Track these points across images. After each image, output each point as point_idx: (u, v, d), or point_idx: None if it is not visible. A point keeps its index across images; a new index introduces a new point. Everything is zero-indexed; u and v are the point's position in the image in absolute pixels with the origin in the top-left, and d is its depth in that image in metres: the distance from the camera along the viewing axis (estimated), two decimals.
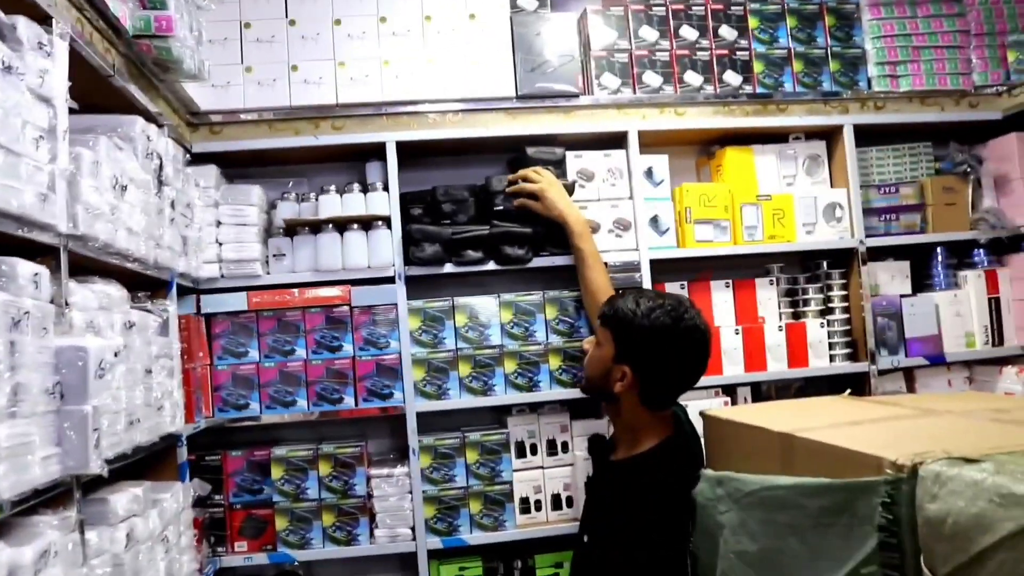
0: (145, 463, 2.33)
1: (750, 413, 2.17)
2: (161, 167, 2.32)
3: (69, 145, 1.68)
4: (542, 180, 2.90)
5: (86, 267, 1.91)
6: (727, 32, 3.34)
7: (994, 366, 3.48)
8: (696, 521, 2.06)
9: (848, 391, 2.49)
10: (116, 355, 1.83)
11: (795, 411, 2.17)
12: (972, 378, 3.56)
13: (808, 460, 1.75)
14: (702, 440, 2.30)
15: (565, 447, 3.08)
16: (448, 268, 3.01)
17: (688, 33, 3.31)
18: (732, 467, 1.98)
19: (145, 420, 2.03)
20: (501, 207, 3.00)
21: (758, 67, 3.35)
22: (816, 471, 1.67)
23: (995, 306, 3.52)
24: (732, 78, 3.32)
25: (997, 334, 3.51)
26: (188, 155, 2.76)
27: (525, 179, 2.92)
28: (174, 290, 2.50)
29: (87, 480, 1.70)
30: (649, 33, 3.27)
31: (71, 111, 1.69)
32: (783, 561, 1.72)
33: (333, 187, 3.01)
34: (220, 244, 2.91)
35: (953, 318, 3.48)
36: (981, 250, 3.57)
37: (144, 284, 2.37)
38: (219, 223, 2.92)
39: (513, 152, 3.22)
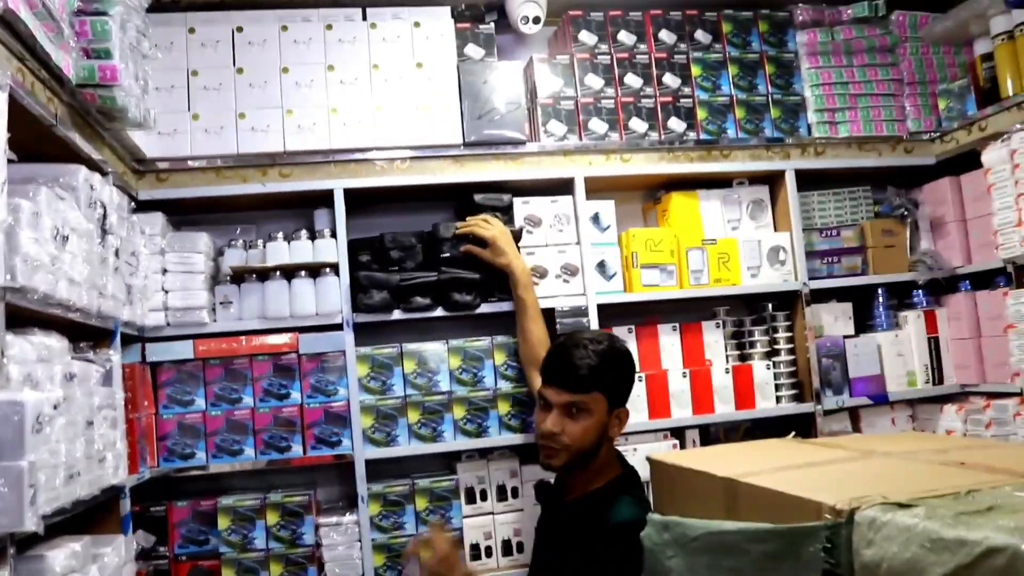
0: (87, 516, 2.28)
1: (695, 458, 2.18)
2: (105, 216, 2.30)
3: (8, 196, 1.67)
4: (494, 228, 2.93)
5: (25, 317, 1.88)
6: (671, 80, 3.42)
7: (935, 404, 3.56)
8: (645, 566, 2.06)
9: (793, 433, 2.52)
10: (55, 408, 1.81)
11: (740, 455, 2.19)
12: (915, 416, 3.63)
13: (752, 505, 1.76)
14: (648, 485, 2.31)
15: (515, 492, 3.07)
16: (396, 315, 3.01)
17: (633, 81, 3.38)
18: (678, 512, 1.98)
19: (86, 473, 1.99)
20: (449, 254, 3.01)
21: (701, 114, 3.42)
22: (760, 516, 1.68)
23: (935, 345, 3.60)
24: (676, 125, 3.38)
25: (937, 373, 3.59)
26: (134, 203, 2.74)
27: (476, 225, 2.93)
28: (118, 339, 2.47)
29: (22, 537, 1.66)
30: (595, 81, 3.34)
31: (10, 161, 1.68)
32: None
33: (281, 234, 3.01)
34: (166, 292, 2.89)
35: (895, 358, 3.56)
36: (920, 291, 3.65)
37: (87, 334, 2.34)
38: (165, 271, 2.89)
39: (461, 198, 3.25)
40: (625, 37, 3.40)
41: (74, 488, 1.91)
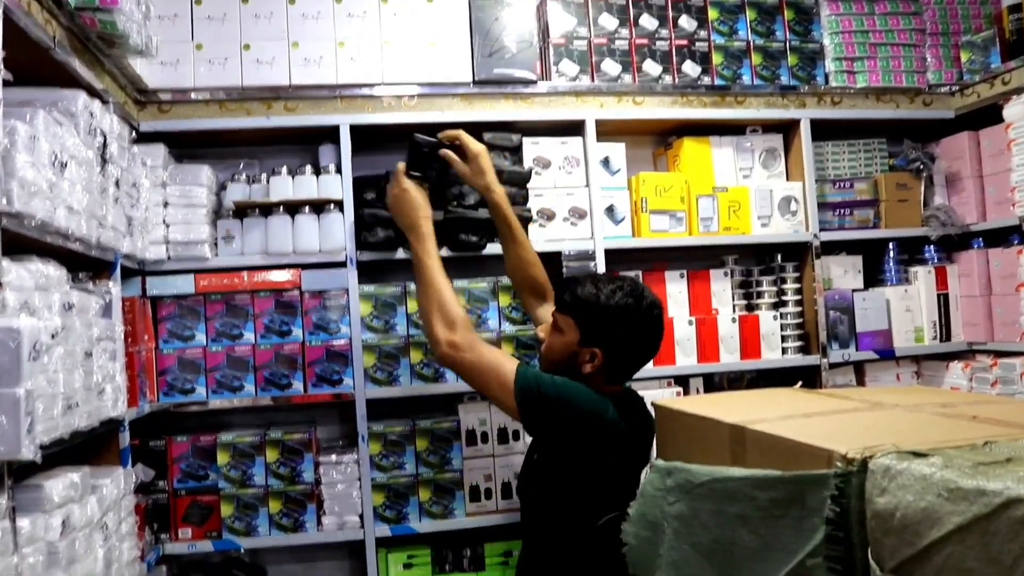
0: (85, 448, 2.27)
1: (702, 404, 2.15)
2: (105, 144, 2.25)
3: (4, 119, 1.62)
4: (480, 145, 2.74)
5: (23, 246, 1.85)
6: (687, 23, 3.33)
7: (941, 361, 3.53)
8: (635, 510, 2.04)
9: (800, 383, 2.50)
10: (53, 337, 1.78)
11: (747, 402, 2.17)
12: (920, 372, 3.61)
13: (759, 452, 1.74)
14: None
15: (516, 435, 3.06)
16: (401, 254, 2.96)
17: (648, 22, 3.29)
18: (683, 458, 1.96)
19: (84, 404, 1.97)
20: (457, 192, 2.96)
21: (717, 59, 3.34)
22: (767, 463, 1.66)
23: (943, 302, 3.57)
24: (691, 69, 3.31)
25: (945, 330, 3.56)
26: (135, 133, 2.68)
27: (464, 135, 2.64)
28: (118, 271, 2.43)
29: (19, 466, 1.64)
30: (608, 21, 3.25)
31: (5, 83, 1.62)
32: (736, 552, 1.70)
33: (285, 169, 2.96)
34: (167, 225, 2.84)
35: (903, 313, 3.53)
36: (931, 247, 3.61)
37: (86, 265, 2.30)
38: (167, 204, 2.85)
39: None
40: None
41: (72, 419, 1.89)
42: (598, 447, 2.06)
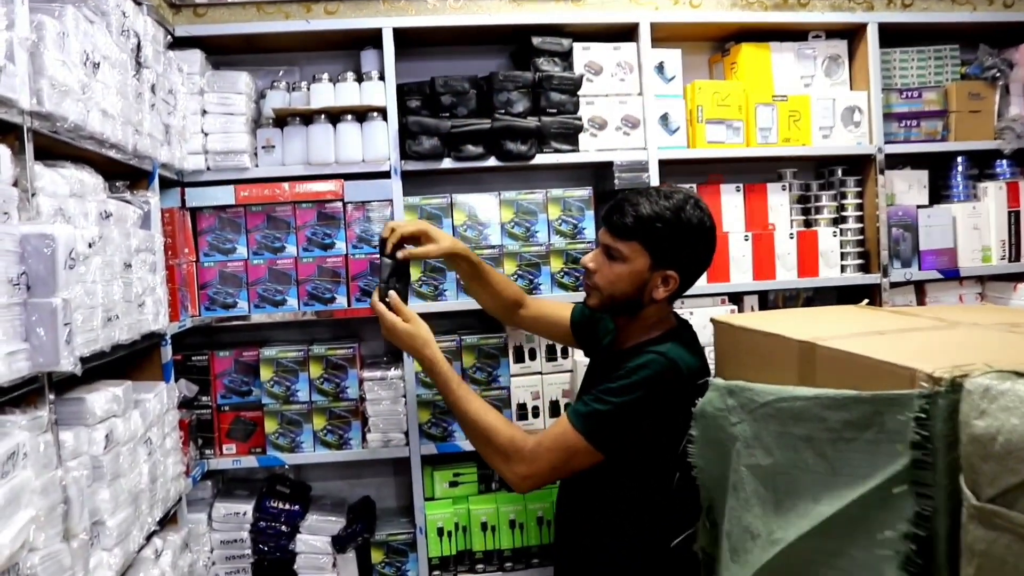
0: (127, 362, 2.23)
1: (764, 320, 2.04)
2: (139, 47, 2.15)
3: (30, 13, 1.52)
4: (416, 222, 2.54)
5: (57, 152, 1.77)
6: None
7: (1008, 282, 3.37)
8: (699, 432, 1.95)
9: (866, 301, 2.38)
10: (90, 246, 1.71)
11: (812, 319, 2.06)
12: (984, 294, 3.46)
13: (830, 371, 1.64)
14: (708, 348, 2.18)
15: (565, 352, 2.98)
16: (447, 163, 2.85)
17: None
18: (744, 376, 1.87)
19: (124, 317, 1.91)
20: (505, 99, 2.83)
21: None
22: (839, 382, 1.56)
23: (1015, 220, 3.39)
24: None
25: (1014, 249, 3.39)
26: (170, 38, 2.57)
27: (397, 225, 2.35)
28: (156, 181, 2.35)
29: (61, 379, 1.59)
30: None
31: None
32: (797, 476, 1.62)
33: (326, 75, 2.83)
34: (205, 134, 2.75)
35: (970, 231, 3.36)
36: (1004, 161, 3.42)
37: (123, 173, 2.23)
38: (204, 112, 2.75)
39: (517, 43, 3.04)
40: None
41: (113, 331, 1.83)
42: (686, 407, 1.95)
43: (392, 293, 2.19)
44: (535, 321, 2.56)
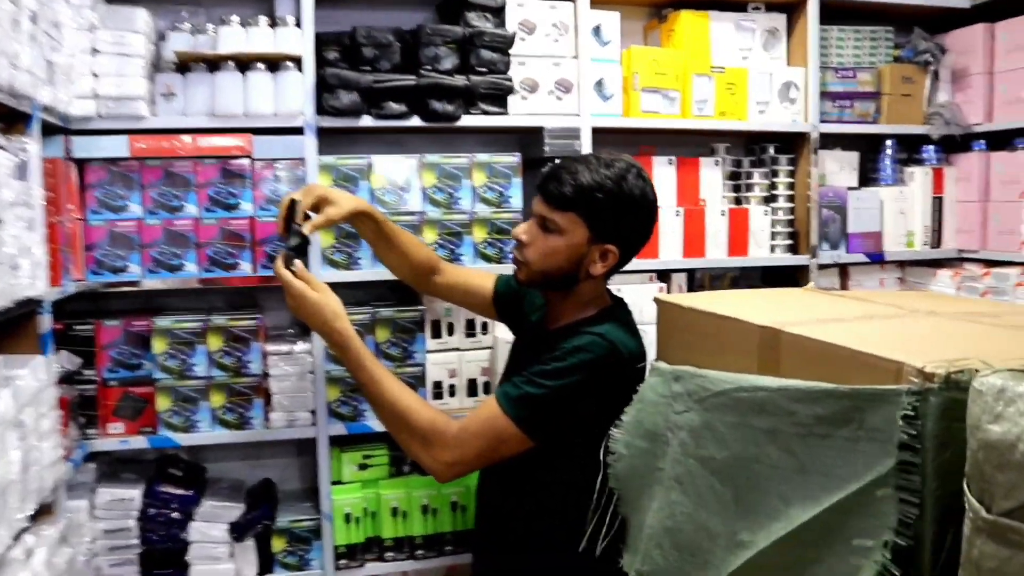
0: None
1: (715, 301, 1.91)
2: None
3: None
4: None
5: None
6: None
7: (927, 268, 3.36)
8: (631, 417, 1.81)
9: (812, 284, 2.28)
10: None
11: (767, 302, 1.94)
12: (904, 278, 3.46)
13: (798, 360, 1.51)
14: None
15: (485, 328, 2.80)
16: (366, 121, 2.62)
17: None
18: (692, 362, 1.73)
19: None
20: (432, 55, 2.61)
21: None
22: (808, 373, 1.44)
23: (938, 206, 3.37)
24: None
25: (936, 235, 3.38)
26: None
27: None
28: (36, 126, 2.06)
29: None
30: None
31: None
32: (757, 471, 1.49)
33: (236, 18, 2.56)
34: (96, 76, 2.44)
35: (896, 215, 3.34)
36: (931, 146, 3.39)
37: None
38: (95, 51, 2.44)
39: None
40: None
41: None
42: (624, 391, 1.79)
43: (298, 262, 1.98)
44: (451, 289, 2.36)
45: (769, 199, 3.17)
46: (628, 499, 1.79)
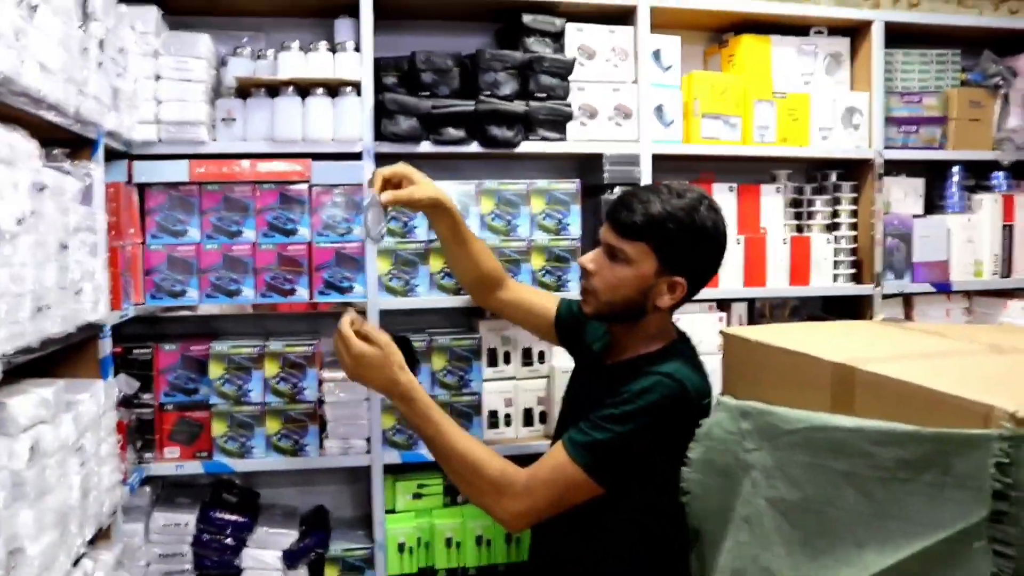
0: (58, 356, 1.94)
1: (783, 336, 1.84)
2: None
3: None
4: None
5: None
6: None
7: (995, 298, 3.25)
8: (699, 455, 1.75)
9: (883, 316, 2.20)
10: (20, 223, 1.44)
11: (839, 337, 1.87)
12: (971, 309, 3.33)
13: (874, 399, 1.45)
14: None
15: (542, 357, 2.76)
16: (425, 147, 2.60)
17: None
18: (761, 397, 1.67)
19: (58, 306, 1.64)
20: (491, 80, 2.59)
21: None
22: (885, 413, 1.38)
23: (1008, 234, 3.27)
24: None
25: (1006, 264, 3.27)
26: None
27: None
28: (101, 151, 2.07)
29: None
30: None
31: None
32: (833, 515, 1.43)
33: (296, 43, 2.57)
34: (159, 102, 2.46)
35: (964, 244, 3.23)
36: (1001, 173, 3.29)
37: (62, 140, 1.94)
38: (158, 77, 2.46)
39: (506, 20, 2.80)
40: None
41: (44, 323, 1.56)
42: (692, 429, 1.73)
43: (355, 315, 1.86)
44: (514, 307, 2.32)
45: (832, 227, 3.09)
46: (707, 539, 1.73)
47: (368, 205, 1.99)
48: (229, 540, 2.52)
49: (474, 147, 2.63)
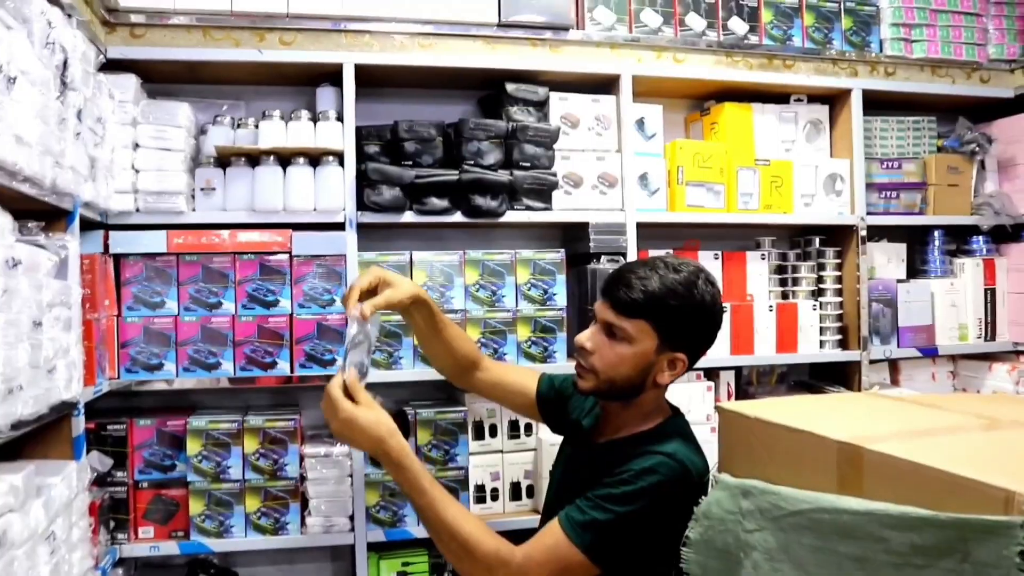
0: (28, 436, 1.86)
1: (782, 411, 1.80)
2: (66, 65, 1.83)
3: None
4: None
5: None
6: None
7: (980, 361, 3.25)
8: (698, 534, 1.69)
9: (876, 387, 2.17)
10: None
11: (835, 412, 1.83)
12: (956, 372, 3.34)
13: (883, 481, 1.40)
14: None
15: (529, 429, 2.70)
16: (408, 216, 2.57)
17: None
18: (761, 476, 1.62)
19: (30, 387, 1.57)
20: (475, 149, 2.57)
21: (767, 16, 2.98)
22: (896, 495, 1.33)
23: (991, 297, 3.27)
24: (738, 26, 2.94)
25: (990, 328, 3.26)
26: (102, 58, 2.25)
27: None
28: (76, 222, 2.01)
29: None
30: None
31: None
32: None
33: (277, 113, 2.54)
34: (137, 171, 2.42)
35: (948, 308, 3.24)
36: (980, 237, 3.31)
37: (36, 212, 1.88)
38: (137, 146, 2.42)
39: (489, 89, 2.80)
40: None
41: (14, 406, 1.49)
42: (691, 509, 1.68)
43: (350, 372, 1.81)
44: (493, 387, 2.25)
45: (816, 293, 3.08)
46: None
47: (354, 338, 1.85)
48: None
49: (458, 217, 2.60)
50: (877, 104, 3.19)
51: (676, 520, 1.65)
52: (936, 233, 3.30)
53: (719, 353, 2.86)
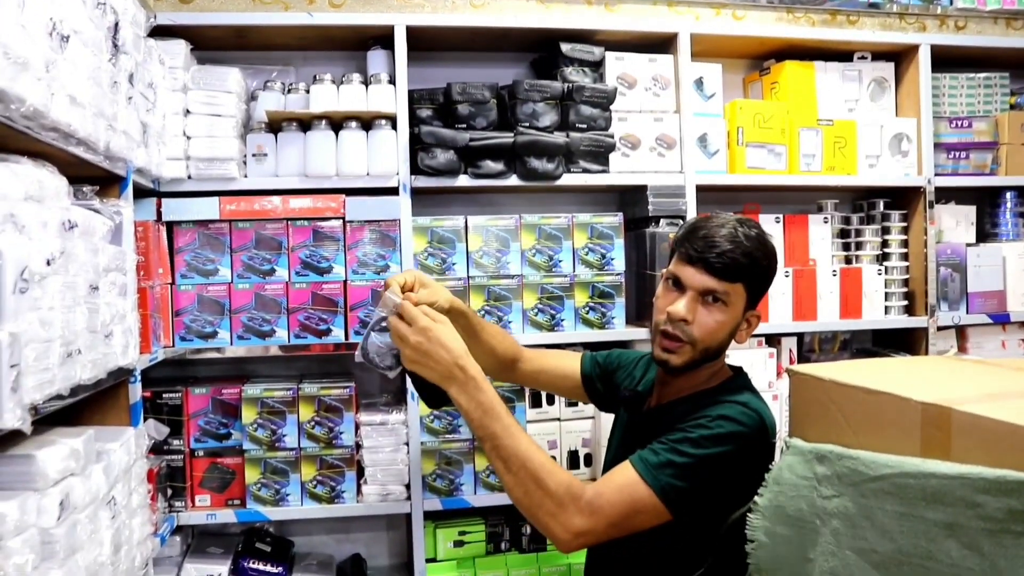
0: (86, 402, 1.86)
1: (859, 373, 1.72)
2: (117, 27, 1.80)
3: None
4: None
5: (8, 146, 1.41)
6: None
7: None
8: (768, 501, 1.63)
9: (953, 350, 2.08)
10: (49, 263, 1.35)
11: (914, 374, 1.74)
12: None
13: (973, 443, 1.32)
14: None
15: None
16: (463, 180, 2.52)
17: None
18: (836, 440, 1.55)
19: (88, 351, 1.55)
20: (530, 111, 2.51)
21: None
22: (987, 458, 1.26)
23: None
24: None
25: None
26: (152, 22, 2.22)
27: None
28: (130, 188, 1.99)
29: (2, 434, 1.23)
30: None
31: None
32: (934, 569, 1.30)
33: (328, 76, 2.50)
34: (188, 138, 2.40)
35: (1020, 273, 3.10)
36: None
37: (90, 177, 1.86)
38: (187, 112, 2.40)
39: (541, 51, 2.72)
40: None
41: (73, 370, 1.47)
42: (765, 466, 1.62)
43: (406, 300, 1.68)
44: (536, 376, 2.18)
45: (881, 257, 2.98)
46: None
47: (380, 322, 1.72)
48: None
49: (513, 180, 2.54)
50: (946, 60, 3.05)
51: (752, 472, 1.60)
52: (1008, 195, 3.16)
53: (781, 319, 2.78)
